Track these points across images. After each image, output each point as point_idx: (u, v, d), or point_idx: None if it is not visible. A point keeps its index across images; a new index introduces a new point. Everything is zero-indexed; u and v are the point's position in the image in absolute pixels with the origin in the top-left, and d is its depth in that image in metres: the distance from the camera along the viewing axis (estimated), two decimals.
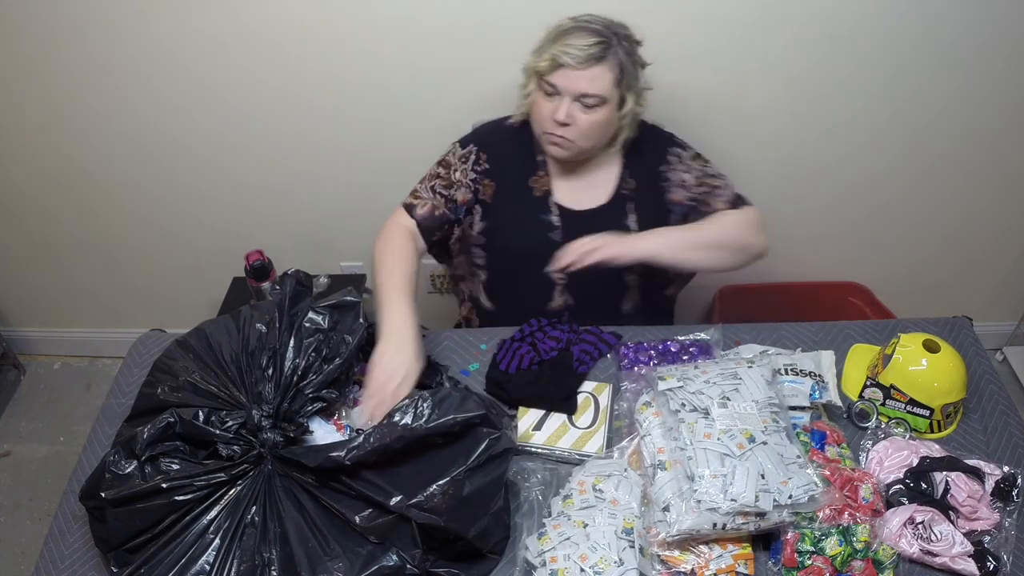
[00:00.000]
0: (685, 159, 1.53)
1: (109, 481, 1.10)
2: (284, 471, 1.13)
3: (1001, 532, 1.18)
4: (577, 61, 1.34)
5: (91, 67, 1.86)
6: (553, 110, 1.39)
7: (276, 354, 1.20)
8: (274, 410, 1.16)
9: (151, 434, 1.11)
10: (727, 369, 1.26)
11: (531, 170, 1.54)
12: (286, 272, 1.30)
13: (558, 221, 1.53)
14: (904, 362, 1.33)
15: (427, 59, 1.80)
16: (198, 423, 1.12)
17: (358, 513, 1.09)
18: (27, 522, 2.14)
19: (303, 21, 1.75)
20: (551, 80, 1.37)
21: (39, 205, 2.19)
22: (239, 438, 1.13)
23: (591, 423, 1.33)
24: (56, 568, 1.21)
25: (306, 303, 1.27)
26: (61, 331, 2.57)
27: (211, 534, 1.09)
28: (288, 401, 1.17)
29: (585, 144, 1.43)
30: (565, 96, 1.37)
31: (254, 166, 2.04)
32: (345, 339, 1.24)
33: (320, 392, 1.20)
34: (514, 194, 1.54)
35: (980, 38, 1.74)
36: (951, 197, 2.06)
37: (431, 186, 1.54)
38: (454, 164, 1.54)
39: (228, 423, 1.14)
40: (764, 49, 1.76)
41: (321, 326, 1.24)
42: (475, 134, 1.58)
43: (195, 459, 1.13)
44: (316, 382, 1.20)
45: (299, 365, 1.20)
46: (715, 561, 1.11)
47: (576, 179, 1.54)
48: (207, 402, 1.18)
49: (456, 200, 1.53)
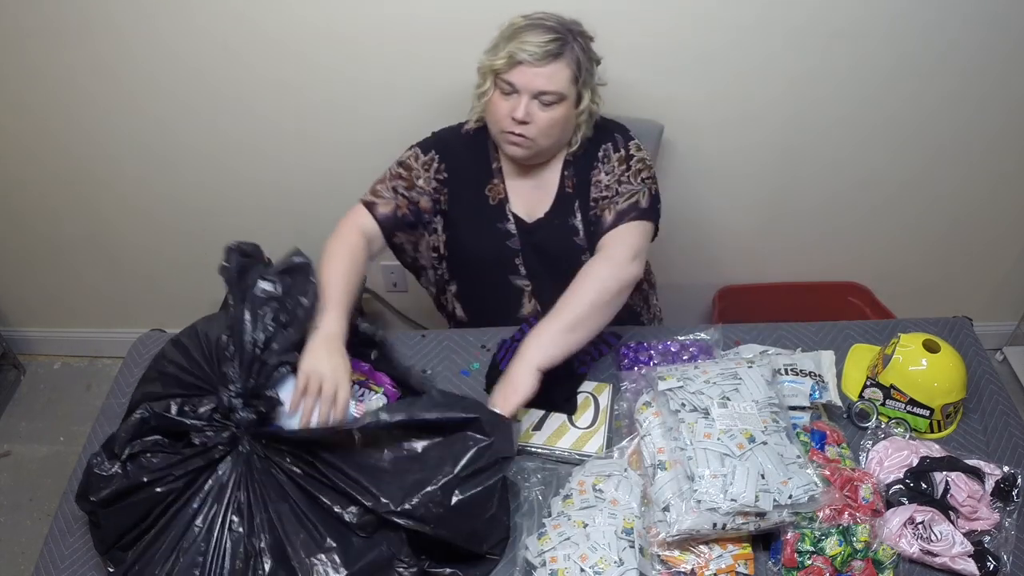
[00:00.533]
0: (612, 158, 1.47)
1: (95, 484, 1.11)
2: (263, 452, 1.12)
3: (1001, 532, 1.18)
4: (535, 58, 1.32)
5: (92, 66, 1.86)
6: (511, 108, 1.36)
7: (235, 331, 1.16)
8: (242, 388, 1.13)
9: (127, 432, 1.11)
10: (727, 369, 1.26)
11: (486, 178, 1.52)
12: (227, 246, 1.25)
13: (514, 229, 1.52)
14: (904, 362, 1.33)
15: (428, 57, 1.80)
16: (170, 415, 1.12)
17: (345, 508, 1.09)
18: (27, 522, 2.14)
19: (304, 19, 1.75)
20: (508, 78, 1.35)
21: (39, 205, 2.19)
22: (212, 423, 1.12)
23: (591, 423, 1.33)
24: (56, 568, 1.21)
25: (256, 271, 1.23)
26: (61, 331, 2.57)
27: (198, 524, 1.09)
28: (254, 376, 1.14)
29: (545, 142, 1.41)
30: (523, 94, 1.35)
31: (254, 165, 2.04)
32: (300, 301, 1.21)
33: (285, 358, 1.16)
34: (471, 203, 1.52)
35: (980, 37, 1.74)
36: (951, 197, 2.06)
37: (393, 186, 1.51)
38: (415, 169, 1.51)
39: (200, 410, 1.13)
40: (764, 49, 1.76)
41: (274, 293, 1.20)
42: (436, 140, 1.55)
43: (175, 451, 1.13)
44: (278, 350, 1.16)
45: (259, 338, 1.15)
46: (715, 561, 1.11)
47: (528, 184, 1.52)
48: (181, 391, 1.18)
49: (419, 205, 1.51)
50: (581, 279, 1.35)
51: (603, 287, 1.34)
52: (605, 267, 1.37)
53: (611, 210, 1.43)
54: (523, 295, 1.57)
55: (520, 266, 1.54)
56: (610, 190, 1.45)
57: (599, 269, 1.37)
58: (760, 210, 2.10)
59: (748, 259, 2.21)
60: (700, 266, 2.23)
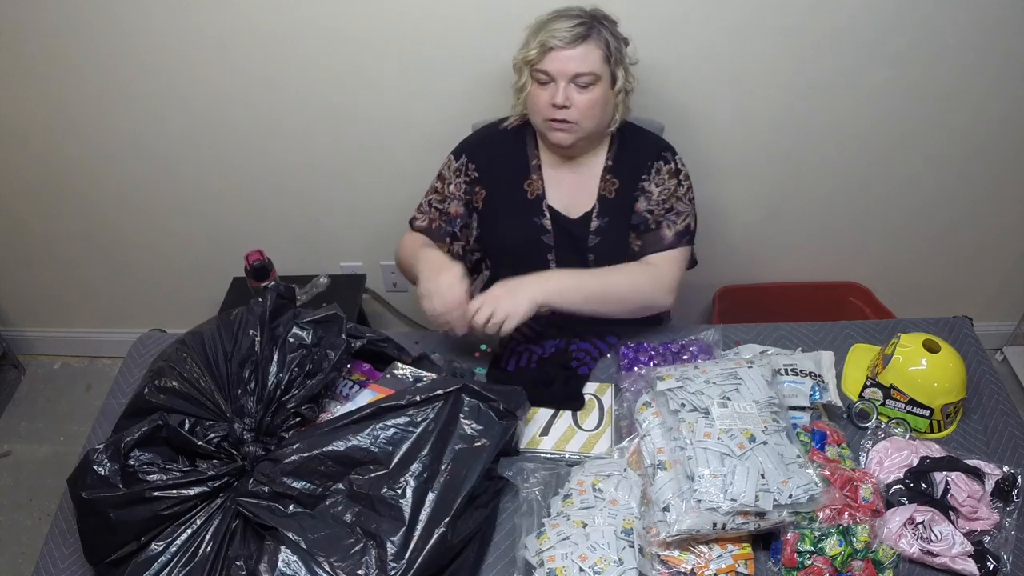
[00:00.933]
0: (663, 172, 1.52)
1: (90, 480, 1.10)
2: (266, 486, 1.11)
3: (1001, 532, 1.18)
4: (565, 42, 1.37)
5: (92, 66, 1.86)
6: (550, 96, 1.40)
7: (259, 368, 1.20)
8: (256, 423, 1.16)
9: (140, 435, 1.11)
10: (727, 369, 1.26)
11: (525, 173, 1.55)
12: (266, 286, 1.31)
13: (550, 224, 1.54)
14: (904, 362, 1.33)
15: (429, 58, 1.80)
16: (183, 431, 1.13)
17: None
18: (27, 522, 2.14)
19: (305, 20, 1.75)
20: (543, 67, 1.40)
21: (39, 205, 2.19)
22: (220, 451, 1.14)
23: (597, 425, 1.33)
24: (56, 568, 1.21)
25: (288, 315, 1.28)
26: (61, 331, 2.57)
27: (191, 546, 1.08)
28: (270, 415, 1.17)
29: (588, 125, 1.44)
30: (559, 80, 1.40)
31: (254, 166, 2.04)
32: (328, 355, 1.24)
33: (301, 407, 1.19)
34: (508, 197, 1.55)
35: (979, 38, 1.74)
36: (951, 197, 2.06)
37: (429, 200, 1.59)
38: (448, 177, 1.57)
39: (210, 435, 1.14)
40: (764, 50, 1.76)
41: (305, 341, 1.24)
42: (467, 143, 1.60)
43: (175, 464, 1.13)
44: (298, 396, 1.19)
45: (282, 379, 1.19)
46: (715, 561, 1.11)
47: (567, 181, 1.55)
48: (192, 408, 1.18)
49: (450, 213, 1.57)
50: (624, 271, 1.47)
51: (636, 292, 1.45)
52: (648, 283, 1.46)
53: (670, 228, 1.50)
54: None
55: (552, 262, 1.56)
56: (664, 205, 1.51)
57: (642, 279, 1.47)
58: (760, 210, 2.10)
59: (748, 259, 2.21)
60: (700, 266, 2.22)
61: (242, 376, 1.20)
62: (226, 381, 1.21)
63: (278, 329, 1.25)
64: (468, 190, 1.57)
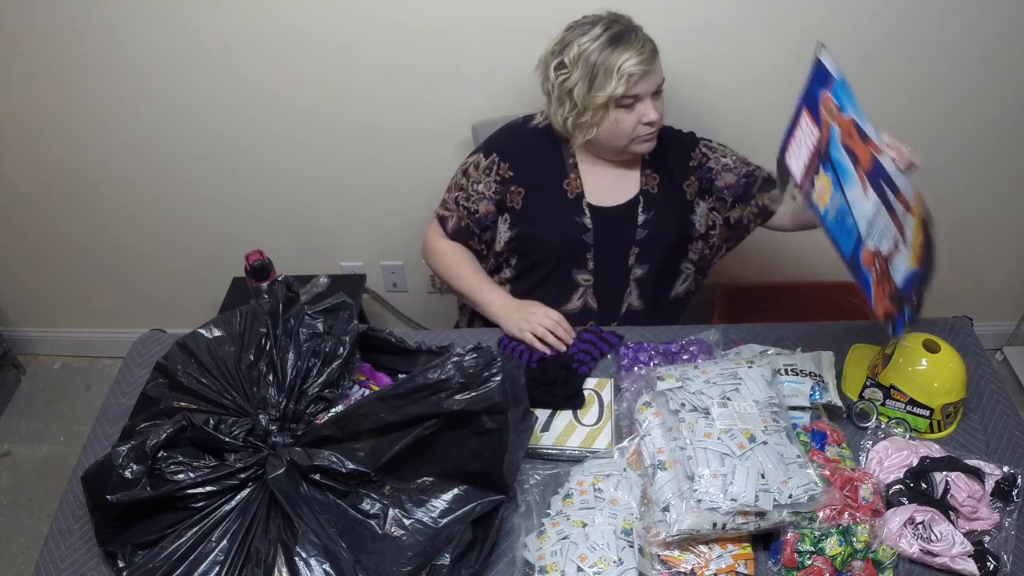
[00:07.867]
0: (716, 148, 1.60)
1: (116, 484, 1.10)
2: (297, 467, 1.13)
3: (1001, 532, 1.18)
4: (648, 63, 1.39)
5: (91, 68, 1.86)
6: (640, 116, 1.43)
7: (275, 360, 1.23)
8: (280, 413, 1.18)
9: (167, 436, 1.12)
10: (727, 369, 1.26)
11: (563, 173, 1.55)
12: (275, 280, 1.34)
13: (590, 223, 1.54)
14: (904, 362, 1.33)
15: (427, 60, 1.80)
16: (208, 429, 1.14)
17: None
18: (27, 522, 2.14)
19: (303, 23, 1.75)
20: (632, 93, 1.40)
21: (39, 205, 2.19)
22: (247, 444, 1.15)
23: (597, 420, 1.33)
24: (56, 568, 1.21)
25: (297, 309, 1.30)
26: (61, 331, 2.57)
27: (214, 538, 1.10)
28: (293, 402, 1.20)
29: (661, 124, 1.48)
30: (645, 97, 1.42)
31: (254, 166, 2.04)
32: (342, 340, 1.27)
33: (323, 392, 1.22)
34: (547, 197, 1.55)
35: (981, 39, 1.74)
36: (951, 197, 2.06)
37: (455, 198, 1.59)
38: (475, 176, 1.56)
39: (235, 431, 1.16)
40: (764, 50, 1.76)
41: (318, 330, 1.28)
42: (497, 140, 1.59)
43: (201, 461, 1.14)
44: (319, 383, 1.23)
45: (301, 368, 1.23)
46: (715, 561, 1.11)
47: (605, 179, 1.56)
48: (211, 407, 1.20)
49: (479, 212, 1.57)
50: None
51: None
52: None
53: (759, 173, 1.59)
54: (577, 290, 1.59)
55: (589, 260, 1.56)
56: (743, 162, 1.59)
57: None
58: None
59: (748, 259, 2.21)
60: None
61: (259, 369, 1.22)
62: (239, 377, 1.23)
63: (290, 321, 1.28)
64: (499, 189, 1.55)
